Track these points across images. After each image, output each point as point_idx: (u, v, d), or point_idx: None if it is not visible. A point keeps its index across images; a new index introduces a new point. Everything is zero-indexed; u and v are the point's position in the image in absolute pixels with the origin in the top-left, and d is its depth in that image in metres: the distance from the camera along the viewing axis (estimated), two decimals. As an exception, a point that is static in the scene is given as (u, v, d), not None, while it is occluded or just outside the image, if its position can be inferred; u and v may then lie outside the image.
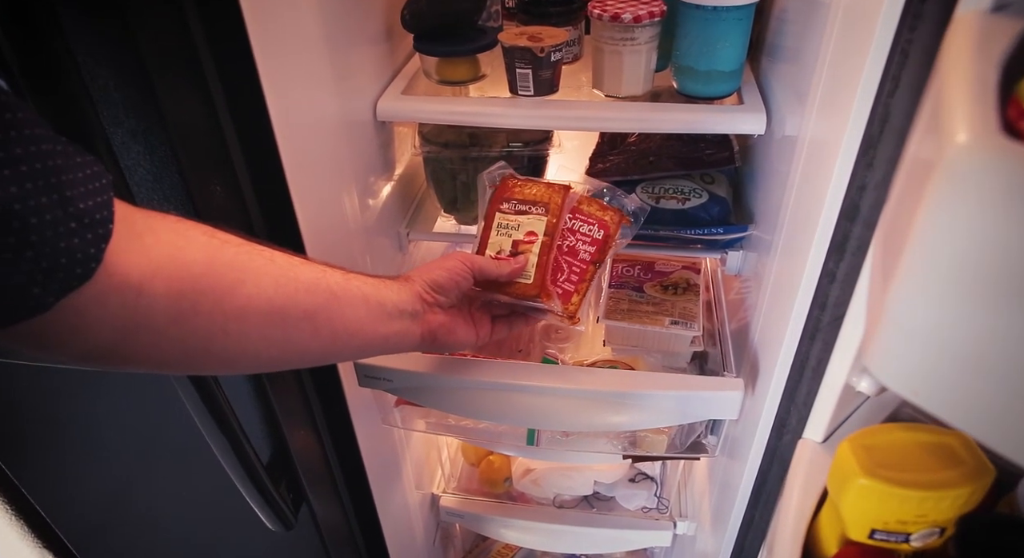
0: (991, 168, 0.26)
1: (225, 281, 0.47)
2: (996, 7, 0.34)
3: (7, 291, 0.35)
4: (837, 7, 0.59)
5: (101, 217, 0.38)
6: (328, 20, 0.70)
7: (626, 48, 0.79)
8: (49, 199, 0.35)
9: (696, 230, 0.87)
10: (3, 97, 0.34)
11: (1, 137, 0.33)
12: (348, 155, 0.80)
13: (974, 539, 0.42)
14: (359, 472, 0.90)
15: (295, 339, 0.53)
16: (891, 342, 0.33)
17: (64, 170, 0.37)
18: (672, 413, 0.78)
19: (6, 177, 0.33)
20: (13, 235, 0.34)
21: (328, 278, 0.55)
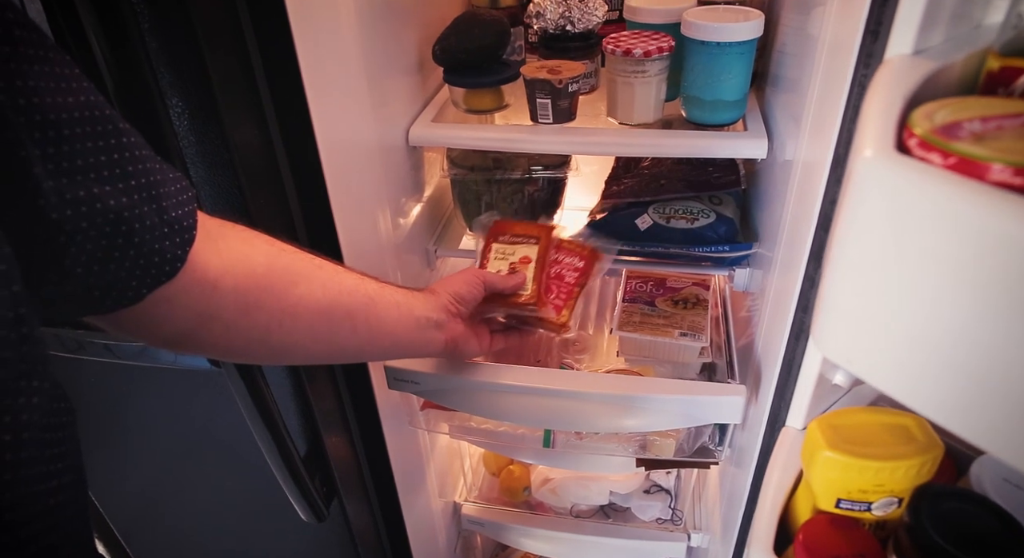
0: (885, 176, 0.35)
1: (282, 282, 0.56)
2: (916, 51, 0.43)
3: (113, 284, 0.44)
4: (824, 42, 0.68)
5: (188, 224, 0.47)
6: (368, 56, 0.81)
7: (637, 80, 0.89)
8: (150, 208, 0.44)
9: (704, 248, 0.95)
10: (123, 124, 0.43)
11: (118, 158, 0.42)
12: (383, 176, 0.90)
13: (922, 505, 0.50)
14: (386, 471, 0.98)
15: (336, 335, 0.62)
16: (827, 320, 0.41)
17: (162, 184, 0.45)
18: (678, 416, 0.86)
19: (120, 189, 0.42)
20: (122, 237, 0.42)
21: (366, 285, 0.64)
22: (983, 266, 0.32)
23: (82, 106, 0.40)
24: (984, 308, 0.33)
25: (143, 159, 0.44)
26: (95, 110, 0.41)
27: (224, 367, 0.78)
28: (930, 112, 0.36)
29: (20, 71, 0.36)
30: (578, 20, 0.96)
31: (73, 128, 0.39)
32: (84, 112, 0.40)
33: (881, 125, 0.37)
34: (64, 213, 0.39)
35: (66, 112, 0.38)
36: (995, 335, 0.33)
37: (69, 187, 0.39)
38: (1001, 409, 0.34)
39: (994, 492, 0.53)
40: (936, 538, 0.48)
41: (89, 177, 0.40)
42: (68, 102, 0.39)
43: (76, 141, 0.39)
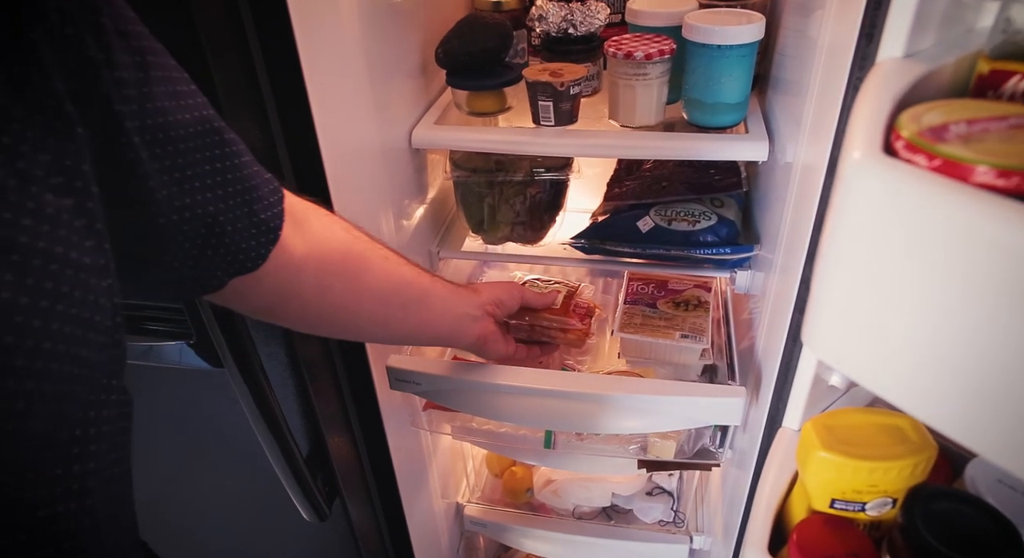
0: (872, 178, 0.35)
1: (355, 268, 0.63)
2: (907, 54, 0.44)
3: (202, 275, 0.50)
4: (822, 45, 0.68)
5: (274, 225, 0.53)
6: (370, 59, 0.82)
7: (639, 83, 0.89)
8: (242, 212, 0.49)
9: (705, 250, 0.96)
10: (228, 135, 0.48)
11: (220, 167, 0.47)
12: (385, 178, 0.91)
13: (915, 505, 0.50)
14: (388, 472, 0.99)
15: (391, 320, 0.69)
16: (817, 319, 0.41)
17: (255, 189, 0.50)
18: (678, 418, 0.86)
19: (219, 196, 0.47)
20: (215, 237, 0.48)
21: (421, 279, 0.71)
22: (967, 267, 0.32)
23: (196, 121, 0.45)
24: (969, 308, 0.33)
25: (241, 166, 0.49)
26: (206, 124, 0.46)
27: (227, 367, 0.79)
28: (917, 114, 0.37)
29: (150, 94, 0.41)
30: (580, 23, 0.97)
31: (187, 143, 0.44)
32: (198, 127, 0.45)
33: (869, 127, 0.37)
34: (171, 218, 0.44)
35: (182, 128, 0.43)
36: (980, 334, 0.33)
37: (178, 195, 0.44)
38: (987, 408, 0.34)
39: (988, 493, 0.54)
40: (929, 538, 0.48)
41: (195, 185, 0.45)
42: (185, 119, 0.44)
43: (188, 154, 0.44)
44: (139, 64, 0.40)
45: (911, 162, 0.35)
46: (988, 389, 0.33)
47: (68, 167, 0.34)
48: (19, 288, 0.31)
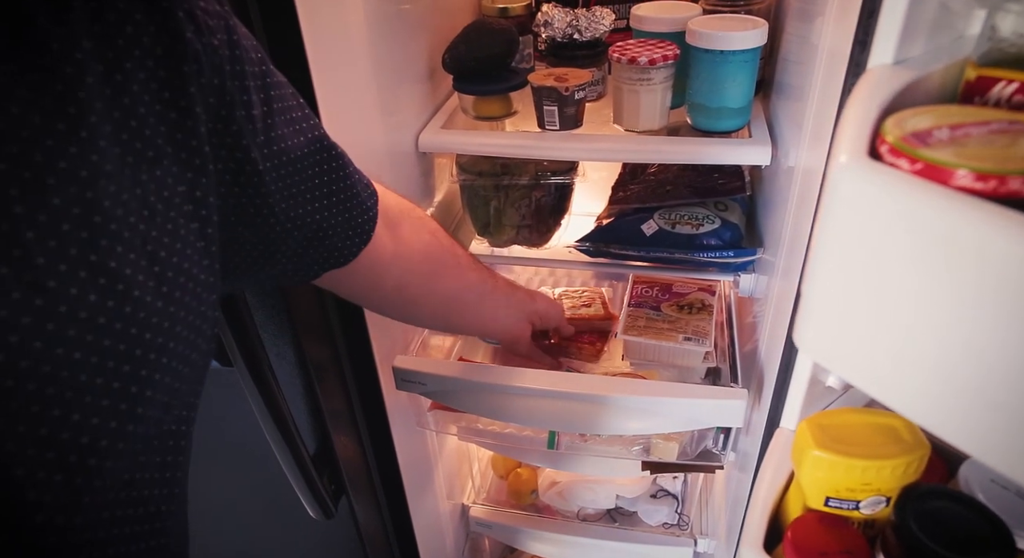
0: (857, 181, 0.36)
1: (430, 271, 0.72)
2: (897, 61, 0.45)
3: (301, 268, 0.57)
4: (823, 50, 0.69)
5: (368, 228, 0.60)
6: (378, 65, 0.84)
7: (643, 87, 0.91)
8: (342, 218, 0.56)
9: (708, 253, 0.97)
10: (336, 150, 0.55)
11: (328, 180, 0.54)
12: (392, 182, 0.92)
13: (908, 504, 0.51)
14: (394, 471, 1.00)
15: (451, 317, 0.81)
16: (806, 318, 0.42)
17: (356, 195, 0.57)
18: (681, 419, 0.87)
19: (325, 205, 0.54)
20: (317, 239, 0.55)
21: (485, 283, 0.81)
22: (947, 268, 0.33)
23: (309, 143, 0.51)
24: (949, 308, 0.34)
25: (346, 177, 0.56)
26: (317, 143, 0.52)
27: (236, 366, 0.81)
28: (902, 119, 0.38)
29: (272, 125, 0.47)
30: (585, 29, 0.98)
31: (303, 162, 0.51)
32: (311, 147, 0.52)
33: (856, 132, 0.38)
34: (285, 226, 0.51)
35: (298, 150, 0.50)
36: (962, 333, 0.34)
37: (293, 207, 0.51)
38: (969, 404, 0.35)
39: (981, 493, 0.55)
40: (921, 536, 0.49)
41: (306, 197, 0.52)
42: (300, 142, 0.50)
43: (303, 172, 0.51)
44: (265, 100, 0.47)
45: (895, 166, 0.36)
46: (969, 386, 0.34)
47: (198, 197, 0.40)
48: (159, 295, 0.37)
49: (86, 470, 0.35)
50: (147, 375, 0.37)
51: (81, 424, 0.34)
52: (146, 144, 0.37)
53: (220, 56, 0.42)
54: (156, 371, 0.38)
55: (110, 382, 0.35)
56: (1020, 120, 0.37)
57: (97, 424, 0.35)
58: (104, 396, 0.35)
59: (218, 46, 0.41)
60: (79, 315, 0.33)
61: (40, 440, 0.33)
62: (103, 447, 0.36)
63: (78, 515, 0.35)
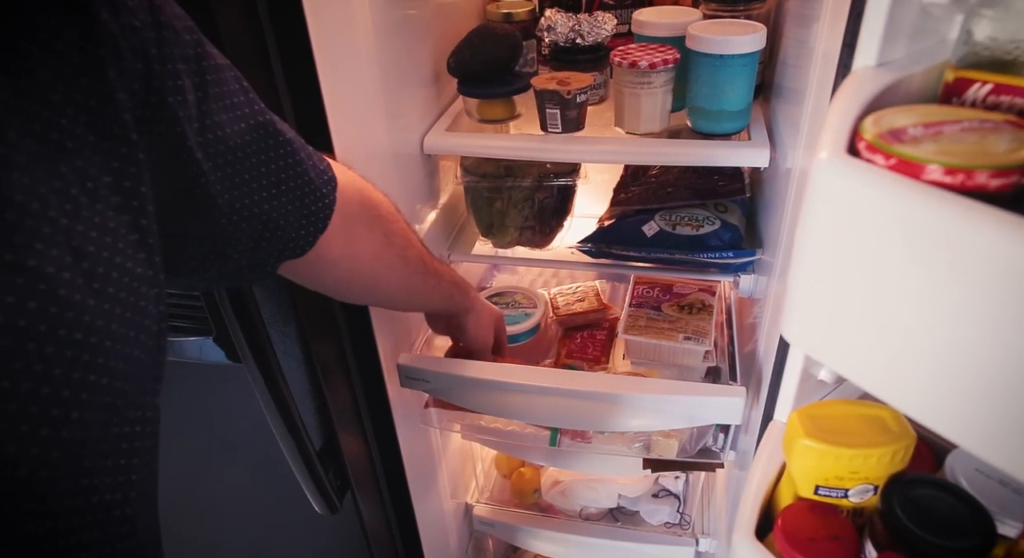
0: (836, 176, 0.39)
1: (373, 275, 0.70)
2: (880, 63, 0.47)
3: (257, 263, 0.55)
4: (818, 54, 0.72)
5: (324, 215, 0.58)
6: (384, 69, 0.86)
7: (643, 91, 0.93)
8: (294, 206, 0.54)
9: (708, 254, 0.99)
10: (283, 136, 0.52)
11: (275, 167, 0.52)
12: (398, 183, 0.95)
13: (894, 490, 0.53)
14: (398, 468, 1.03)
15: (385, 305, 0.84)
16: (792, 309, 0.45)
17: (307, 183, 0.55)
18: (680, 417, 0.90)
19: (274, 194, 0.52)
20: (269, 232, 0.53)
21: (427, 285, 0.79)
22: (919, 257, 0.36)
23: (252, 128, 0.49)
24: (923, 295, 0.37)
25: (296, 164, 0.54)
26: (261, 129, 0.50)
27: (245, 363, 0.84)
28: (880, 118, 0.40)
29: (208, 111, 0.45)
30: (587, 34, 1.01)
31: (245, 150, 0.49)
32: (253, 133, 0.49)
33: (837, 130, 0.41)
34: (232, 219, 0.49)
35: (239, 137, 0.48)
36: (934, 319, 0.37)
37: (238, 198, 0.49)
38: (943, 388, 0.38)
39: (966, 481, 0.57)
40: (906, 521, 0.51)
41: (252, 187, 0.50)
42: (241, 128, 0.48)
43: (246, 160, 0.49)
44: (199, 85, 0.45)
45: (871, 161, 0.38)
46: (942, 368, 0.36)
47: (127, 188, 0.39)
48: (88, 292, 0.35)
49: (14, 481, 0.33)
50: (80, 378, 0.35)
51: (8, 434, 0.33)
52: (63, 134, 0.35)
53: (143, 38, 0.39)
54: (91, 372, 0.36)
55: (38, 387, 0.34)
56: (990, 119, 0.39)
57: (26, 432, 0.33)
58: (32, 402, 0.33)
59: (140, 28, 0.39)
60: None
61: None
62: (33, 456, 0.34)
63: (12, 524, 0.34)
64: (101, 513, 0.38)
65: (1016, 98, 0.41)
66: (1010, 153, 0.36)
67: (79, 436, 0.36)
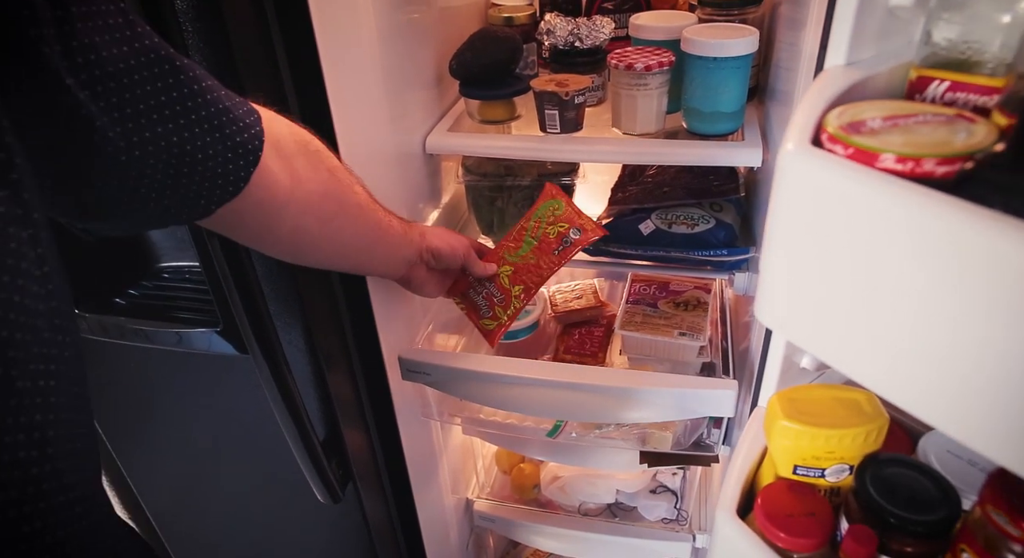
0: (800, 165, 0.42)
1: (330, 213, 0.66)
2: (848, 62, 0.51)
3: (185, 202, 0.52)
4: (806, 56, 0.75)
5: (252, 147, 0.54)
6: (388, 72, 0.90)
7: (639, 92, 0.97)
8: (213, 138, 0.50)
9: (703, 252, 1.02)
10: (181, 63, 0.48)
11: (177, 96, 0.48)
12: (401, 183, 0.99)
13: (867, 468, 0.56)
14: (400, 459, 1.06)
15: (346, 260, 0.77)
16: (763, 290, 0.48)
17: (225, 112, 0.51)
18: (674, 409, 0.93)
19: (183, 125, 0.48)
20: (187, 166, 0.49)
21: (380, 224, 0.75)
22: (872, 236, 0.39)
23: (138, 52, 0.44)
24: (880, 273, 0.40)
25: (204, 92, 0.50)
26: (151, 53, 0.45)
27: (252, 353, 0.87)
28: (843, 112, 0.44)
29: (73, 31, 0.40)
30: (586, 37, 1.05)
31: (131, 76, 0.44)
32: (141, 58, 0.45)
33: (804, 123, 0.44)
34: (132, 154, 0.45)
35: (123, 62, 0.43)
36: (890, 294, 0.40)
37: (135, 131, 0.45)
38: (904, 362, 0.41)
39: (937, 461, 0.60)
40: (877, 497, 0.54)
41: (152, 118, 0.46)
42: (124, 51, 0.43)
43: (136, 87, 0.45)
44: (56, 4, 0.40)
45: (832, 151, 0.42)
46: (891, 338, 0.40)
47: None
48: None
49: None
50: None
51: None
52: None
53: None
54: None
55: None
56: (943, 112, 0.43)
57: None
58: None
59: None
60: None
61: None
62: None
63: None
64: (16, 470, 0.37)
65: (970, 94, 0.45)
66: (956, 143, 0.39)
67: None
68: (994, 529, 0.46)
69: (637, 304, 1.09)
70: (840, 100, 0.47)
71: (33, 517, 0.38)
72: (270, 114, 0.59)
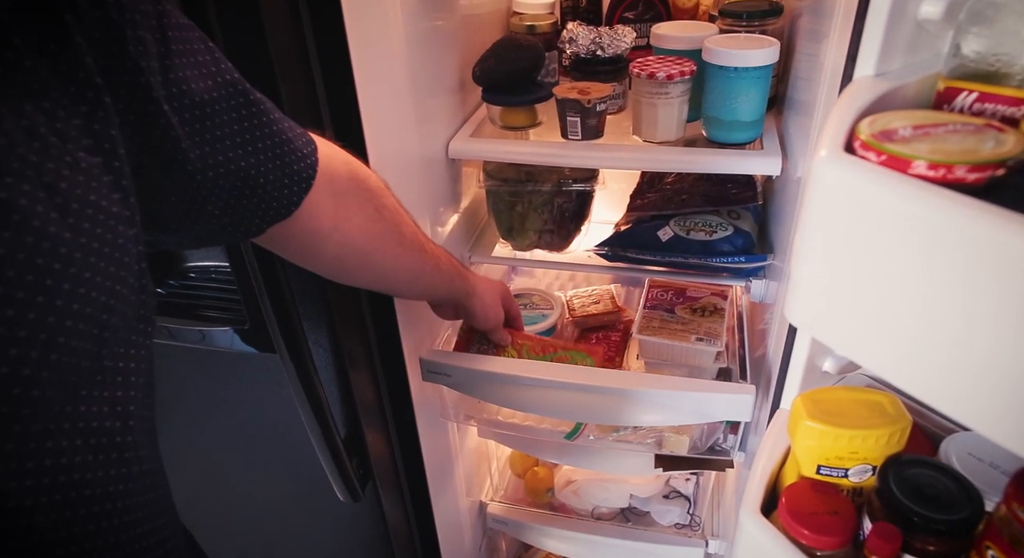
0: (834, 171, 0.44)
1: (369, 250, 0.72)
2: (877, 74, 0.53)
3: (241, 221, 0.57)
4: (827, 68, 0.77)
5: (307, 174, 0.60)
6: (415, 78, 0.93)
7: (660, 101, 0.99)
8: (274, 164, 0.57)
9: (721, 259, 1.04)
10: (254, 96, 0.55)
11: (248, 126, 0.54)
12: (424, 186, 1.01)
13: (890, 469, 0.58)
14: (418, 459, 1.08)
15: (384, 287, 0.82)
16: (794, 293, 0.50)
17: (287, 142, 0.58)
18: (692, 413, 0.94)
19: (250, 152, 0.54)
20: (249, 189, 0.56)
21: (425, 265, 0.80)
22: (907, 240, 0.41)
23: (220, 86, 0.51)
24: (913, 276, 0.42)
25: (270, 123, 0.56)
26: (231, 87, 0.52)
27: (278, 352, 0.89)
28: (874, 121, 0.46)
29: (172, 65, 0.47)
30: (608, 46, 1.07)
31: (213, 106, 0.51)
32: (223, 91, 0.51)
33: (836, 131, 0.46)
34: (207, 175, 0.52)
35: (207, 94, 0.50)
36: (924, 297, 0.42)
37: (210, 154, 0.51)
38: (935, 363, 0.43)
39: (960, 464, 0.61)
40: (900, 497, 0.56)
41: (225, 144, 0.52)
42: (208, 85, 0.50)
43: (216, 116, 0.51)
44: (161, 40, 0.46)
45: (865, 158, 0.44)
46: (929, 345, 0.42)
47: (97, 131, 0.41)
48: (64, 225, 0.38)
49: (10, 399, 0.36)
50: (63, 305, 0.38)
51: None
52: (28, 75, 0.38)
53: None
54: (74, 301, 0.38)
55: (24, 313, 0.36)
56: (972, 122, 0.44)
57: (16, 355, 0.36)
58: (20, 326, 0.36)
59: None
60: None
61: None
62: (25, 376, 0.37)
63: (9, 441, 0.37)
64: (103, 437, 0.42)
65: (998, 105, 0.47)
66: (987, 151, 0.41)
67: (69, 361, 0.39)
68: (1020, 526, 0.48)
69: (655, 309, 1.10)
70: (870, 110, 0.48)
71: (117, 479, 0.43)
72: (331, 151, 0.65)
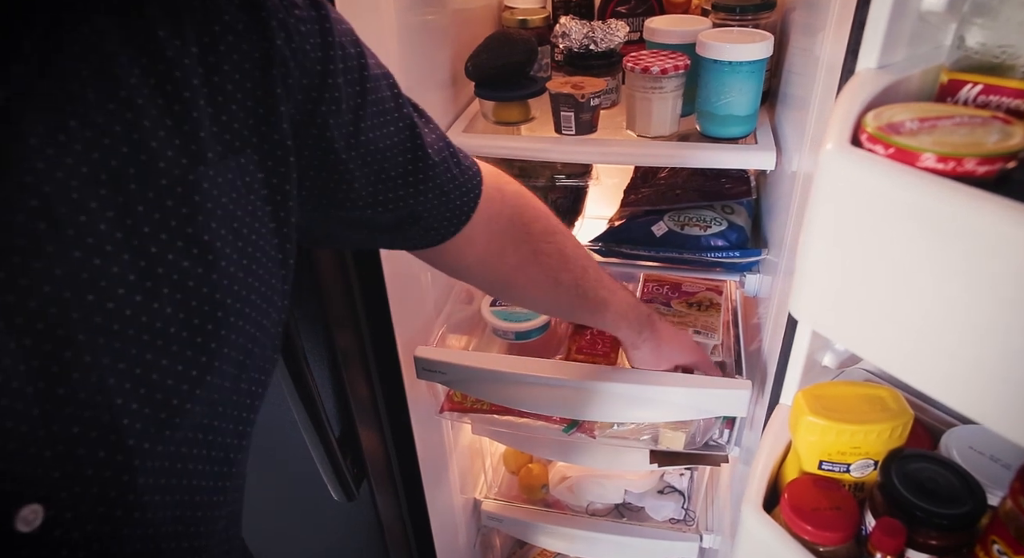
0: (841, 164, 0.44)
1: (519, 287, 0.77)
2: (880, 66, 0.52)
3: (395, 242, 0.64)
4: (823, 62, 0.77)
5: (466, 209, 0.64)
6: (406, 73, 0.91)
7: (654, 95, 0.98)
8: (439, 201, 0.61)
9: (715, 254, 1.04)
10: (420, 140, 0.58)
11: (414, 168, 0.58)
12: (417, 181, 1.00)
13: (892, 463, 0.58)
14: (412, 458, 1.07)
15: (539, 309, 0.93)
16: (801, 290, 0.50)
17: (451, 181, 0.62)
18: (688, 408, 0.94)
19: (419, 191, 0.59)
20: (415, 223, 0.61)
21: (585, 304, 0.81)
22: (915, 233, 0.41)
23: (397, 132, 0.56)
24: (921, 269, 0.41)
25: (438, 165, 0.61)
26: (406, 131, 0.57)
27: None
28: (880, 113, 0.45)
29: (363, 117, 0.53)
30: (601, 40, 1.06)
31: (387, 153, 0.56)
32: (396, 137, 0.56)
33: (842, 124, 0.46)
34: (377, 210, 0.58)
35: (384, 142, 0.55)
36: (932, 290, 0.41)
37: (381, 192, 0.57)
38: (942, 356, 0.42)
39: (960, 458, 0.61)
40: (902, 491, 0.56)
41: (397, 183, 0.57)
42: (389, 131, 0.55)
43: (391, 159, 0.56)
44: (359, 93, 0.52)
45: (872, 151, 0.43)
46: (938, 339, 0.41)
47: (274, 185, 0.46)
48: (240, 266, 0.43)
49: (169, 408, 0.41)
50: (225, 334, 0.43)
51: (168, 369, 0.41)
52: (234, 135, 0.43)
53: (310, 58, 0.47)
54: (232, 331, 0.44)
55: (194, 336, 0.41)
56: (978, 115, 0.44)
57: (181, 371, 0.41)
58: (189, 347, 0.41)
59: (309, 50, 0.47)
60: (171, 277, 0.40)
61: (136, 377, 0.39)
62: (184, 391, 0.42)
63: (160, 443, 0.41)
64: (221, 451, 0.46)
65: (1004, 97, 0.46)
66: (995, 144, 0.41)
67: (218, 383, 0.44)
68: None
69: (650, 303, 1.10)
70: (874, 103, 0.48)
71: (220, 491, 0.48)
72: (499, 185, 0.69)
